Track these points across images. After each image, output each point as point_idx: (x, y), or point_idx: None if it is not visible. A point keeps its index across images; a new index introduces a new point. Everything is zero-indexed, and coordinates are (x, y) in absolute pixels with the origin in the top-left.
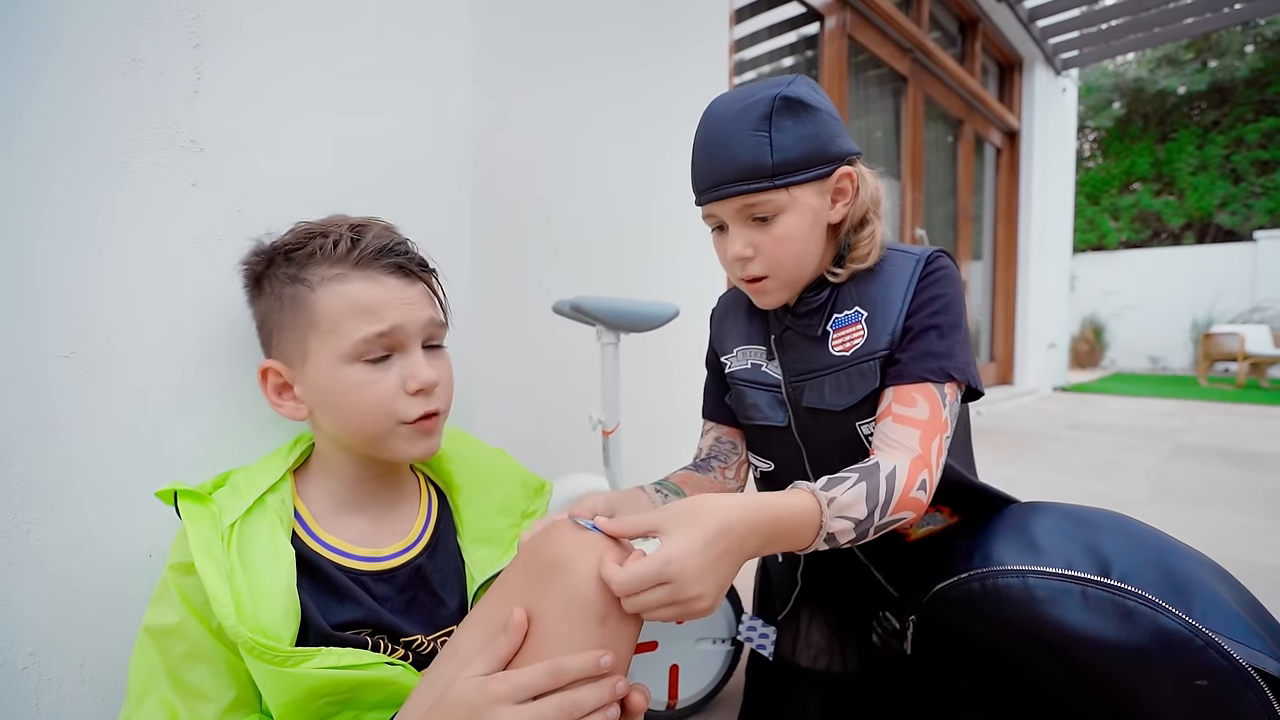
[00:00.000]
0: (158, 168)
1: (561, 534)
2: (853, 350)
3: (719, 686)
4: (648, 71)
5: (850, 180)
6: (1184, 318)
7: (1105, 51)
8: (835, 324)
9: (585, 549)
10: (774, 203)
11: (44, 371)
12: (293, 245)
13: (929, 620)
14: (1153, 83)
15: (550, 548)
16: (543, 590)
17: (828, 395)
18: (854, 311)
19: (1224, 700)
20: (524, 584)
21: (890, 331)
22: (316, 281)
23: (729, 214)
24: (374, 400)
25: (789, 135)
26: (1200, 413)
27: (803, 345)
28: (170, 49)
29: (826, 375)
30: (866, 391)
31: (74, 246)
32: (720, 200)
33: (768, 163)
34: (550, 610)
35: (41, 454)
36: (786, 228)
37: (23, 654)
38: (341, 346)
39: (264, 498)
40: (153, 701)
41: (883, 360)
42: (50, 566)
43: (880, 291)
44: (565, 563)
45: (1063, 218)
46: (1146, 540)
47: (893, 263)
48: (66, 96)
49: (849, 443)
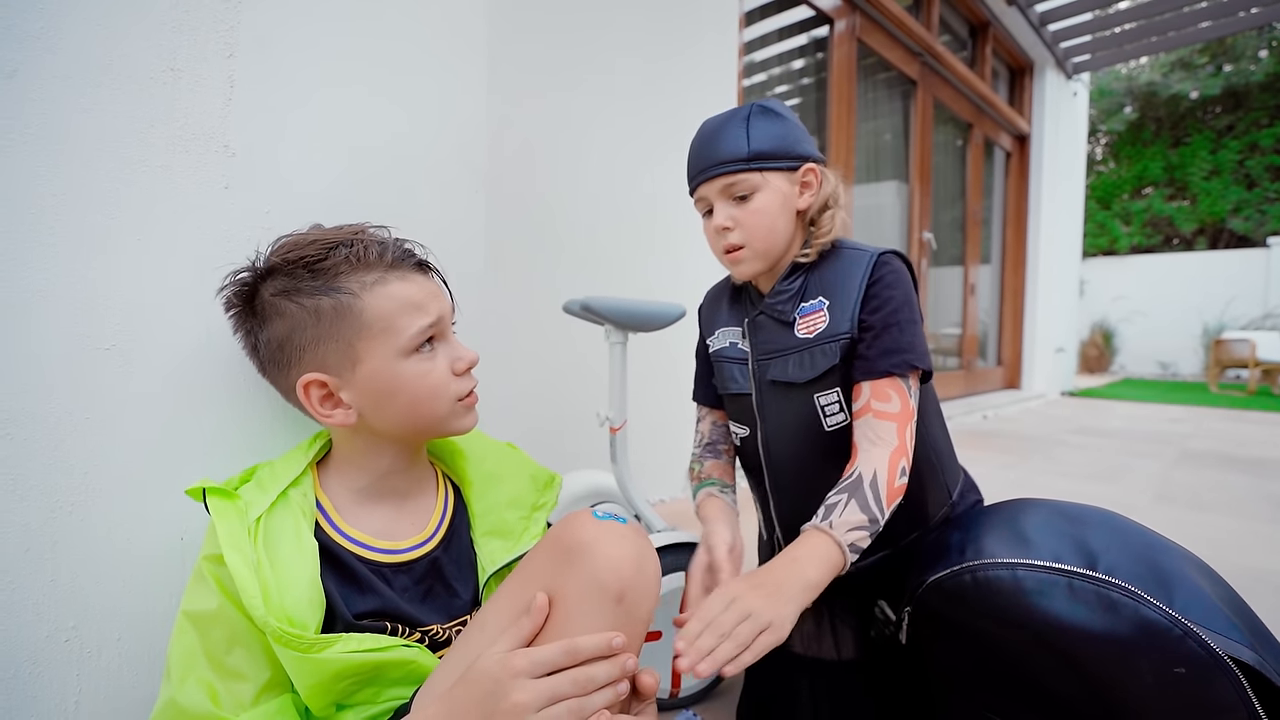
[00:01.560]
0: (194, 171)
1: (583, 521)
2: (815, 334)
3: (720, 677)
4: (657, 74)
5: (815, 175)
6: (1195, 324)
7: (1118, 55)
8: (801, 311)
9: (604, 535)
10: (749, 182)
11: (89, 362)
12: (314, 258)
13: (922, 611)
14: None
15: (572, 534)
16: (564, 573)
17: (791, 370)
18: (817, 300)
19: (1200, 687)
20: (547, 567)
21: (849, 318)
22: (359, 288)
23: (714, 193)
24: (433, 386)
25: (762, 131)
26: (1209, 419)
27: (771, 328)
28: (205, 59)
29: (791, 354)
30: (826, 367)
31: (119, 245)
32: (707, 181)
33: (744, 150)
34: (571, 591)
35: (86, 439)
36: (760, 204)
37: (65, 627)
38: (399, 343)
39: (287, 492)
40: (193, 682)
41: (844, 344)
42: (91, 545)
43: (839, 281)
44: (585, 547)
45: (1073, 222)
46: (1133, 536)
47: (849, 258)
48: (111, 103)
49: (806, 412)
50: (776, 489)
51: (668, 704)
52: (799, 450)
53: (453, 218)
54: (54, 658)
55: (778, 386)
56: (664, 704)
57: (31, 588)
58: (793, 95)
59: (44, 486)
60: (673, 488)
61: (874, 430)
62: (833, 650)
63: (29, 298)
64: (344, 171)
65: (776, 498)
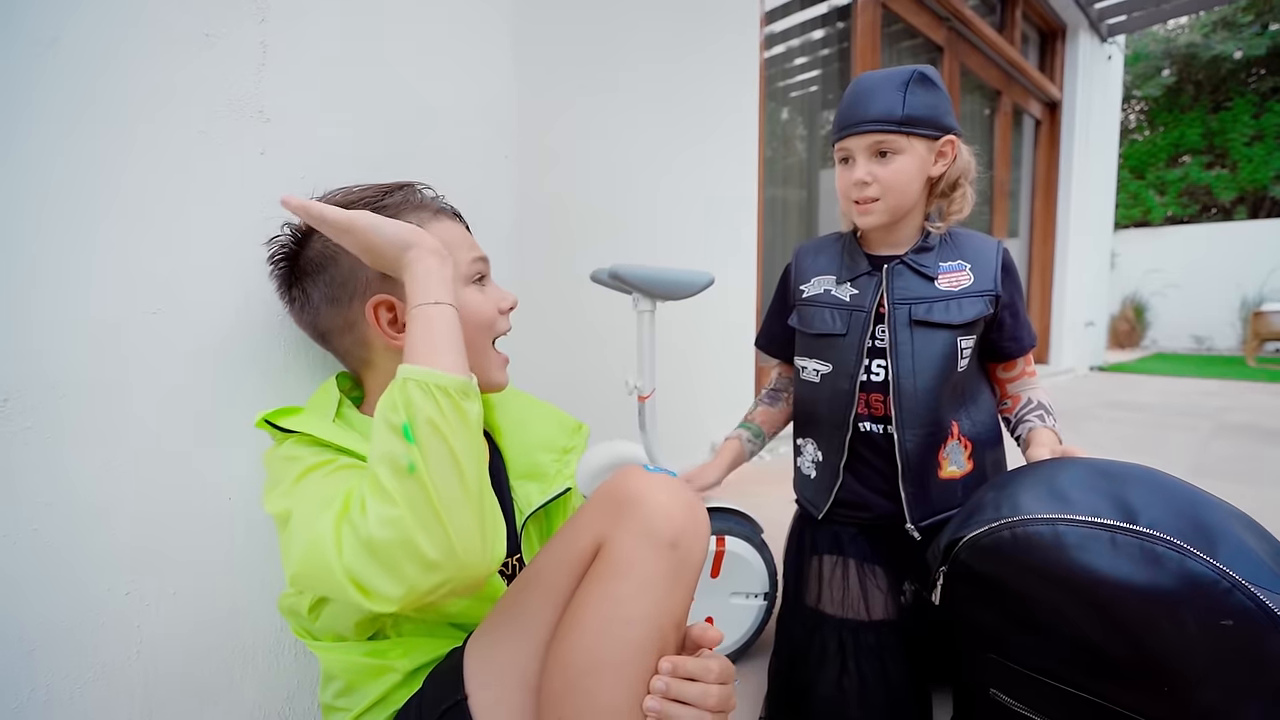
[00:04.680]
0: (231, 138)
1: (635, 474)
2: (960, 288)
3: (752, 639)
4: (676, 35)
5: (952, 147)
6: (1232, 296)
7: (1155, 15)
8: (944, 269)
9: (657, 485)
10: (895, 143)
11: (135, 327)
12: (372, 200)
13: (958, 569)
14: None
15: (626, 486)
16: (618, 523)
17: (939, 313)
18: (958, 263)
19: (1248, 639)
20: (601, 518)
21: (992, 280)
22: (419, 222)
23: (861, 147)
24: (485, 318)
25: (918, 98)
26: (1246, 393)
27: (911, 278)
28: (239, 24)
29: (936, 302)
30: (975, 315)
31: (160, 210)
32: (857, 135)
33: (899, 113)
34: (626, 539)
35: (135, 402)
36: (901, 165)
37: (125, 581)
38: (460, 270)
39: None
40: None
41: (989, 299)
42: (146, 504)
43: (975, 252)
44: (640, 498)
45: (1105, 192)
46: (1174, 491)
47: (977, 238)
48: (150, 69)
49: (947, 351)
50: (903, 423)
51: None
52: (930, 384)
53: (483, 178)
54: (115, 610)
55: (921, 327)
56: None
57: (92, 544)
58: (814, 66)
59: (101, 449)
60: (700, 456)
61: (1032, 381)
62: (864, 611)
63: (75, 264)
64: (377, 136)
65: (903, 432)
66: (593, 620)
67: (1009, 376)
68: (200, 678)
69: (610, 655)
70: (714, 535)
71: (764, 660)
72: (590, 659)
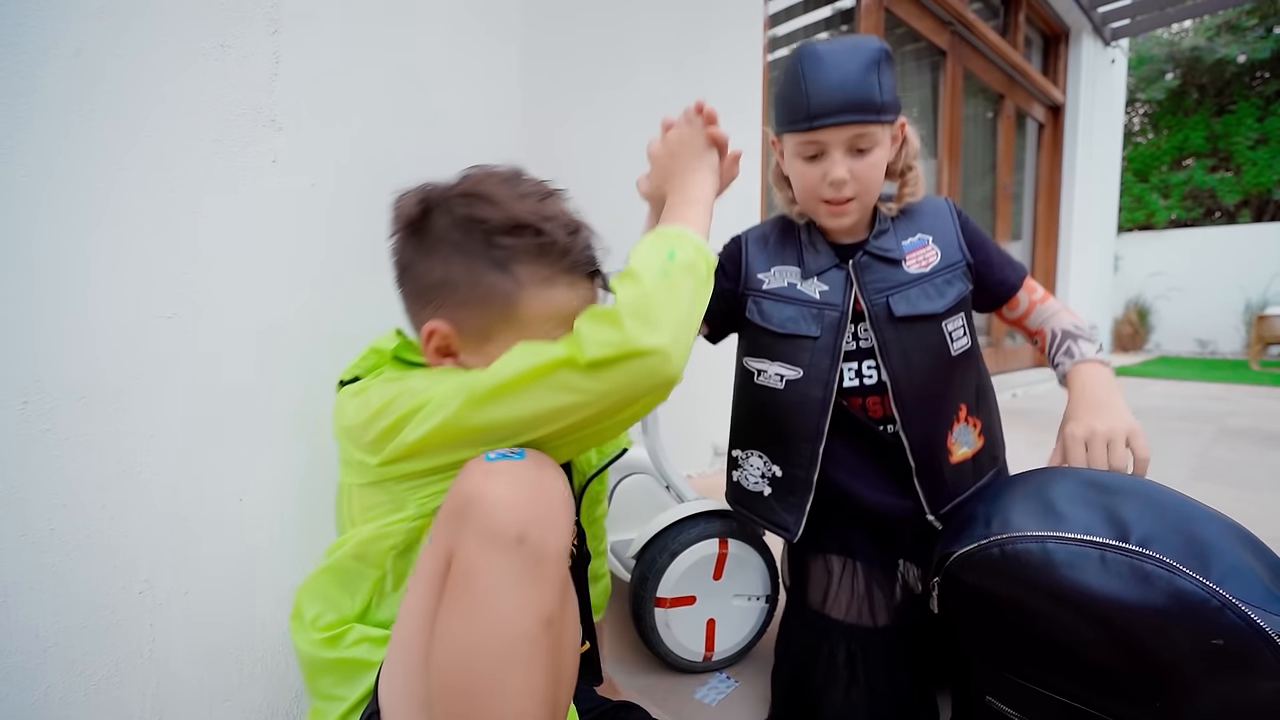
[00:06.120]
0: (245, 145)
1: (469, 469)
2: (931, 266)
3: (754, 641)
4: (680, 36)
5: (903, 130)
6: (1236, 300)
7: (1160, 19)
8: (906, 249)
9: (491, 477)
10: (874, 136)
11: (151, 330)
12: (495, 228)
13: (951, 582)
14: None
15: (459, 486)
16: (460, 531)
17: (919, 303)
18: (919, 239)
19: (1240, 658)
20: (445, 525)
21: (958, 248)
22: (526, 280)
23: (838, 140)
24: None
25: (887, 81)
26: (1250, 397)
27: (878, 268)
28: (253, 35)
29: (910, 288)
30: (958, 295)
31: (175, 217)
32: (835, 127)
33: (877, 100)
34: (470, 549)
35: (151, 404)
36: (877, 159)
37: (138, 580)
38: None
39: None
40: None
41: (963, 271)
42: (159, 505)
43: (930, 222)
44: (475, 496)
45: (1108, 196)
46: (1168, 505)
47: (926, 203)
48: (168, 79)
49: (935, 341)
50: (908, 423)
51: (702, 667)
52: (928, 378)
53: None
54: (129, 608)
55: (904, 322)
56: (698, 667)
57: (108, 543)
58: None
59: (117, 449)
60: (702, 459)
61: (1047, 310)
62: (869, 617)
63: (93, 269)
64: (385, 144)
65: (909, 431)
66: (453, 642)
67: (1019, 315)
68: (211, 676)
69: (480, 675)
70: (716, 538)
71: (766, 662)
72: (460, 683)
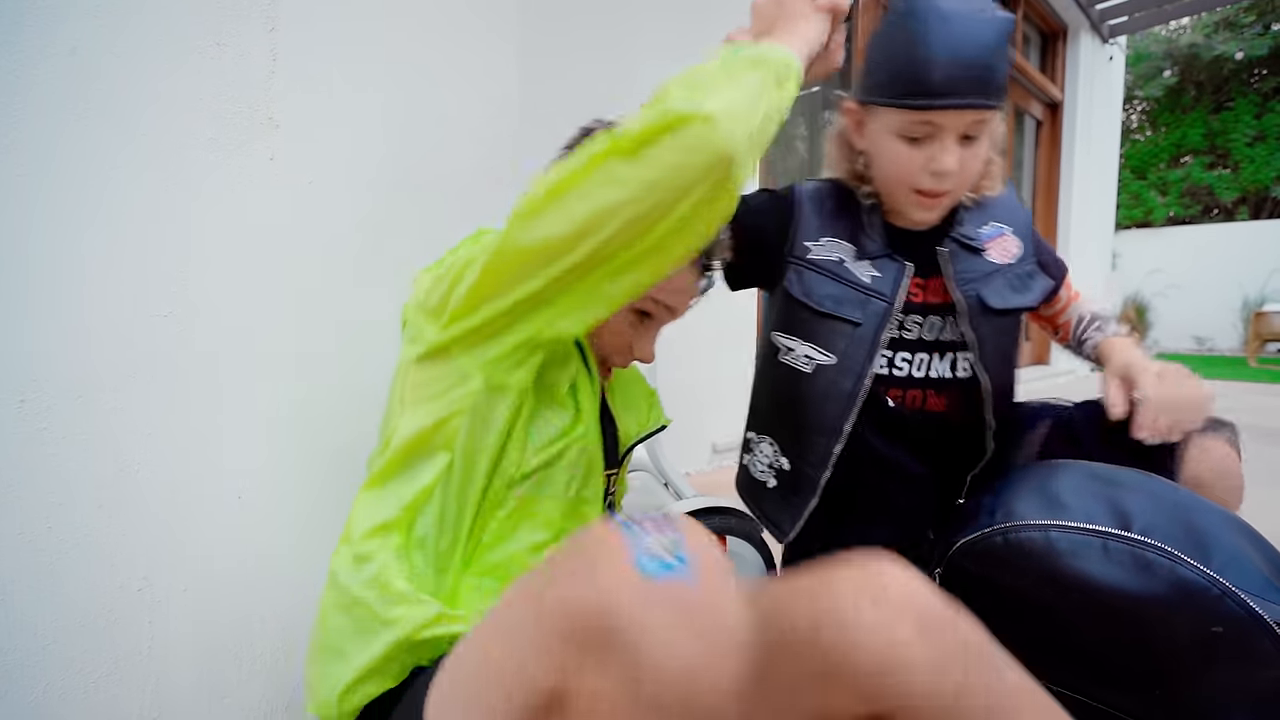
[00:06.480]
0: (242, 144)
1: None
2: (1014, 257)
3: None
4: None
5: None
6: (1234, 297)
7: (1158, 16)
8: (984, 237)
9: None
10: (990, 123)
11: (147, 328)
12: None
13: (954, 572)
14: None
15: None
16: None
17: (1010, 295)
18: (994, 228)
19: (1240, 645)
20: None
21: (1030, 241)
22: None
23: (955, 125)
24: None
25: (1007, 60)
26: (1248, 393)
27: (964, 256)
28: (250, 33)
29: (994, 278)
30: (1045, 290)
31: (171, 215)
32: (959, 110)
33: (1002, 83)
34: (604, 698)
35: (146, 402)
36: (982, 149)
37: (137, 578)
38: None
39: None
40: None
41: (1036, 265)
42: (156, 503)
43: (1007, 212)
44: (621, 623)
45: (1106, 193)
46: (1169, 497)
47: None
48: (164, 77)
49: (1016, 333)
50: (999, 426)
51: None
52: (1012, 376)
53: (486, 185)
54: (128, 606)
55: (1002, 314)
56: None
57: (105, 541)
58: None
59: (114, 447)
60: (702, 459)
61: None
62: None
63: (89, 268)
64: (382, 142)
65: (997, 433)
66: None
67: (1056, 312)
68: (209, 674)
69: None
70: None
71: None
72: None
